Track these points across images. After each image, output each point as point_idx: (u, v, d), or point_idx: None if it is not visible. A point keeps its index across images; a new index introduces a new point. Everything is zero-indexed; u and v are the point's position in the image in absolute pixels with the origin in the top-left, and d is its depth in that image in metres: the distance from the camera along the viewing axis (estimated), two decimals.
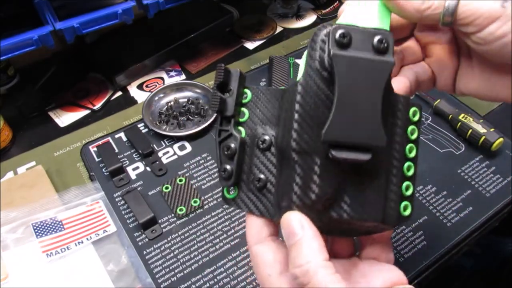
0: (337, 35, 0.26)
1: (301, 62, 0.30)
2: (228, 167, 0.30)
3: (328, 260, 0.25)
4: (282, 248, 0.29)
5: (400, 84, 0.33)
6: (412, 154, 0.30)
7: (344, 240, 0.32)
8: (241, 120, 0.30)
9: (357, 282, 0.29)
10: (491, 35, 0.27)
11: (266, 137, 0.29)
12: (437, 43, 0.33)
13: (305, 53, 0.29)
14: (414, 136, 0.30)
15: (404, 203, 0.29)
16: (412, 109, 0.30)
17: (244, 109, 0.31)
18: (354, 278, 0.29)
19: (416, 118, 0.30)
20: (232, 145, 0.29)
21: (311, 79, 0.27)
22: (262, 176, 0.29)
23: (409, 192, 0.29)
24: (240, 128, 0.30)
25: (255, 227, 0.30)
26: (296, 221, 0.26)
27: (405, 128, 0.29)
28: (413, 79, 0.33)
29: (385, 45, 0.27)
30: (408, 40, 0.35)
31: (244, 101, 0.31)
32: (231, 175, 0.29)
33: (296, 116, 0.27)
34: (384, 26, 0.29)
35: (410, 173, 0.29)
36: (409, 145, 0.29)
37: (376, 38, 0.27)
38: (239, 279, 0.48)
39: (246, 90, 0.31)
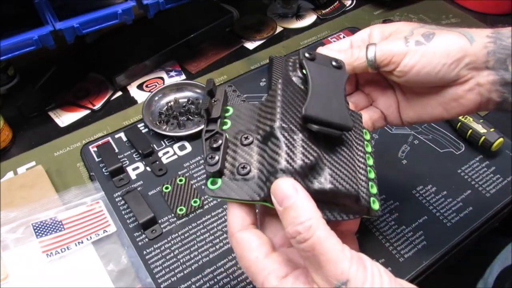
0: (306, 53, 0.35)
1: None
2: (214, 155, 0.32)
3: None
4: (263, 234, 0.31)
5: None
6: (370, 162, 0.36)
7: None
8: (224, 127, 0.34)
9: None
10: (405, 66, 0.36)
11: (248, 134, 0.33)
12: (377, 90, 0.43)
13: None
14: (368, 149, 0.37)
15: (372, 198, 0.34)
16: (364, 129, 0.38)
17: (227, 120, 0.35)
18: None
19: (368, 137, 0.38)
20: (219, 141, 0.32)
21: (288, 77, 0.35)
22: (246, 164, 0.32)
23: (374, 191, 0.34)
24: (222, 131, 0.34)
25: (238, 215, 0.31)
26: (289, 185, 0.28)
27: (362, 140, 0.36)
28: (368, 119, 0.42)
29: (340, 64, 0.36)
30: (356, 93, 0.44)
31: (227, 114, 0.35)
32: (218, 161, 0.31)
33: (278, 103, 0.32)
34: None
35: (372, 176, 0.35)
36: (367, 155, 0.36)
37: (333, 60, 0.36)
38: (239, 279, 0.48)
39: (229, 107, 0.36)
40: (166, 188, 0.56)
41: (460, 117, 0.61)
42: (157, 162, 0.59)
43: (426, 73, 0.36)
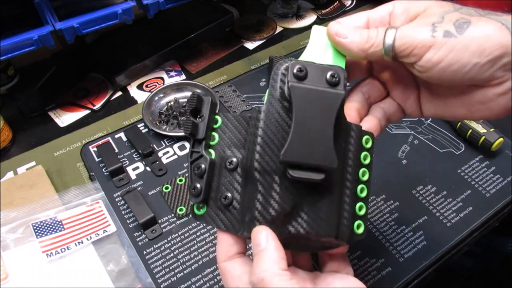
0: (295, 70, 0.29)
1: (266, 92, 0.33)
2: (198, 185, 0.32)
3: (285, 270, 0.28)
4: (249, 262, 0.31)
5: (370, 123, 0.35)
6: (365, 178, 0.33)
7: (305, 255, 0.35)
8: (211, 143, 0.33)
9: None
10: (429, 62, 0.30)
11: (234, 159, 0.32)
12: (395, 78, 0.36)
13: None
14: (367, 161, 0.33)
15: (357, 222, 0.32)
16: (364, 137, 0.33)
17: (214, 133, 0.33)
18: (318, 285, 0.31)
19: (369, 145, 0.33)
20: (202, 166, 0.32)
21: (273, 107, 0.30)
22: (228, 194, 0.32)
23: (362, 212, 0.32)
24: (211, 150, 0.33)
25: (225, 245, 0.32)
26: (262, 234, 0.29)
27: (358, 154, 0.33)
28: (381, 116, 0.36)
29: (337, 79, 0.30)
30: (370, 80, 0.37)
31: (215, 126, 0.33)
32: (200, 193, 0.32)
33: (258, 139, 0.30)
34: (341, 60, 0.33)
35: (363, 194, 0.32)
36: (362, 169, 0.33)
37: (329, 73, 0.30)
38: None
39: (217, 117, 0.33)
40: (166, 188, 0.56)
41: None
42: (157, 162, 0.59)
43: (453, 71, 0.30)
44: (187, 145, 0.62)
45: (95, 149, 0.61)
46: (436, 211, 0.54)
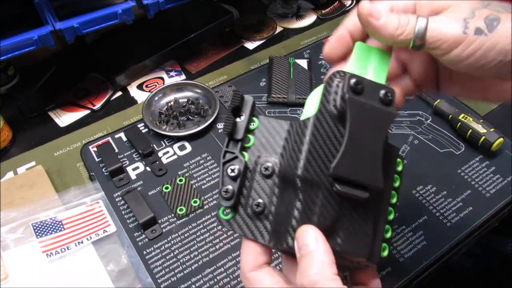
0: (353, 82, 0.29)
1: (308, 100, 0.32)
2: (230, 187, 0.30)
3: (336, 275, 0.26)
4: (276, 273, 0.30)
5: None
6: (394, 200, 0.32)
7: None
8: (246, 145, 0.32)
9: None
10: (457, 57, 0.29)
11: (269, 164, 0.31)
12: (414, 59, 0.35)
13: (313, 93, 0.32)
14: (396, 184, 0.33)
15: (383, 244, 0.31)
16: (397, 160, 0.33)
17: (250, 135, 0.32)
18: None
19: (400, 168, 0.33)
20: (237, 168, 0.30)
21: (324, 118, 0.29)
22: (261, 201, 0.30)
23: (388, 235, 0.32)
24: (244, 152, 0.32)
25: (253, 254, 0.30)
26: (311, 234, 0.27)
27: (392, 176, 0.32)
28: (400, 93, 0.35)
29: (390, 98, 0.30)
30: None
31: (251, 127, 0.32)
32: (232, 196, 0.30)
33: (305, 147, 0.29)
34: (382, 78, 0.32)
35: (391, 217, 0.32)
36: (392, 192, 0.32)
37: (383, 91, 0.29)
38: (239, 279, 0.48)
39: (254, 118, 0.32)
40: (166, 188, 0.56)
41: (460, 117, 0.61)
42: (157, 162, 0.59)
43: (478, 67, 0.30)
44: (187, 145, 0.62)
45: (95, 149, 0.61)
46: (436, 211, 0.54)
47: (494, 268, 0.91)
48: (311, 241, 0.27)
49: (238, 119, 0.31)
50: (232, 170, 0.30)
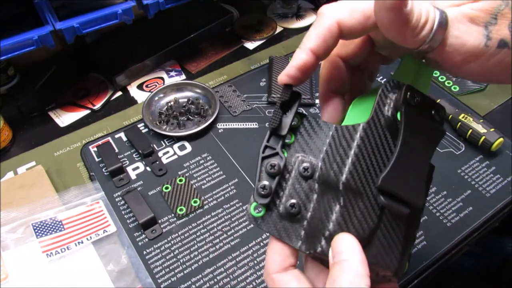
0: (409, 95, 0.28)
1: (352, 107, 0.31)
2: (267, 183, 0.29)
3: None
4: (302, 276, 0.29)
5: None
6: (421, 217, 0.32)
7: None
8: (287, 141, 0.31)
9: None
10: (468, 71, 0.26)
11: (308, 165, 0.30)
12: (398, 54, 0.33)
13: (356, 102, 0.32)
14: None
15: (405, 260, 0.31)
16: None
17: (291, 133, 0.31)
18: None
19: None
20: (277, 164, 0.29)
21: (375, 125, 0.29)
22: (297, 201, 0.29)
23: (410, 251, 0.31)
24: (284, 150, 0.31)
25: (281, 255, 0.29)
26: (349, 242, 0.26)
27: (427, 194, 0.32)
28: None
29: (441, 116, 0.30)
30: (370, 56, 0.33)
31: (294, 125, 0.31)
32: (269, 194, 0.29)
33: (353, 151, 0.28)
34: (426, 92, 0.31)
35: (417, 233, 0.32)
36: None
37: (435, 110, 0.29)
38: (239, 279, 0.48)
39: (299, 116, 0.31)
40: (166, 188, 0.56)
41: (460, 117, 0.61)
42: (157, 162, 0.59)
43: (485, 79, 0.27)
44: (187, 145, 0.62)
45: (95, 149, 0.61)
46: (436, 211, 0.54)
47: (494, 268, 0.91)
48: (347, 249, 0.26)
49: (284, 115, 0.30)
50: (273, 167, 0.29)
